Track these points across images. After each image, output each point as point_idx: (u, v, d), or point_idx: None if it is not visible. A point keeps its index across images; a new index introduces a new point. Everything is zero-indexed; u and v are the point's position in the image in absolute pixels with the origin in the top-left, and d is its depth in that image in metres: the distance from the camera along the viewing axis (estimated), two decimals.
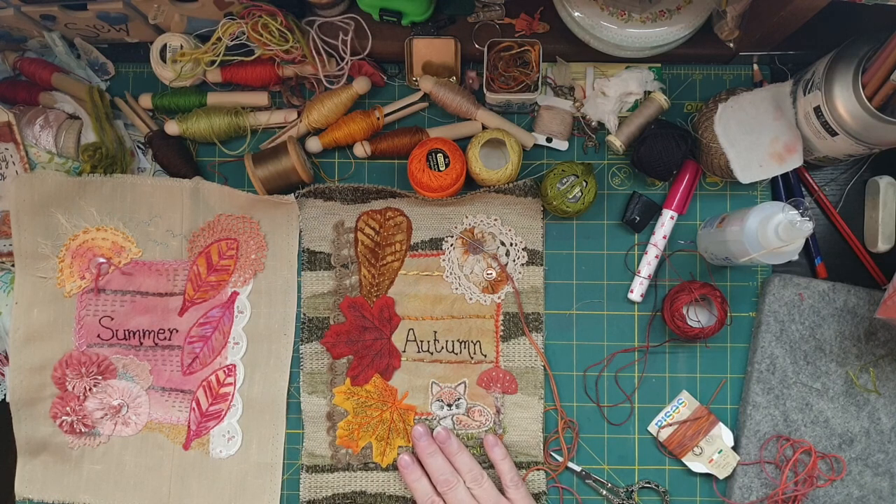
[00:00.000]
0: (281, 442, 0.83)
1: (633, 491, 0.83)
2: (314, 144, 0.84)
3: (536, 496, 0.81)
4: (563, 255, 0.85)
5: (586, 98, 0.84)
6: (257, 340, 0.84)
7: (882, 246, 0.83)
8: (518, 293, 0.83)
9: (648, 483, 0.83)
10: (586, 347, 0.84)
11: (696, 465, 0.82)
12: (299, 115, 0.84)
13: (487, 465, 0.81)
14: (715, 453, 0.82)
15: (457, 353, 0.84)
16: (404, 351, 0.84)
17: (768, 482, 0.81)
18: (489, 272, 0.83)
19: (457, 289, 0.84)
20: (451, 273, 0.84)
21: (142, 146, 0.86)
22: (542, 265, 0.84)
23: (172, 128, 0.83)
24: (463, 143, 0.82)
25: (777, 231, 0.69)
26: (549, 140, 0.84)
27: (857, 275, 0.85)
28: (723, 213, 0.78)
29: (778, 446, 0.81)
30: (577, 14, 0.74)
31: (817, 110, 0.72)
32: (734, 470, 0.81)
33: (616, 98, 0.82)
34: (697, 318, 0.82)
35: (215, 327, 0.84)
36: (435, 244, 0.84)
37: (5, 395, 0.85)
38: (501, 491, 0.79)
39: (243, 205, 0.84)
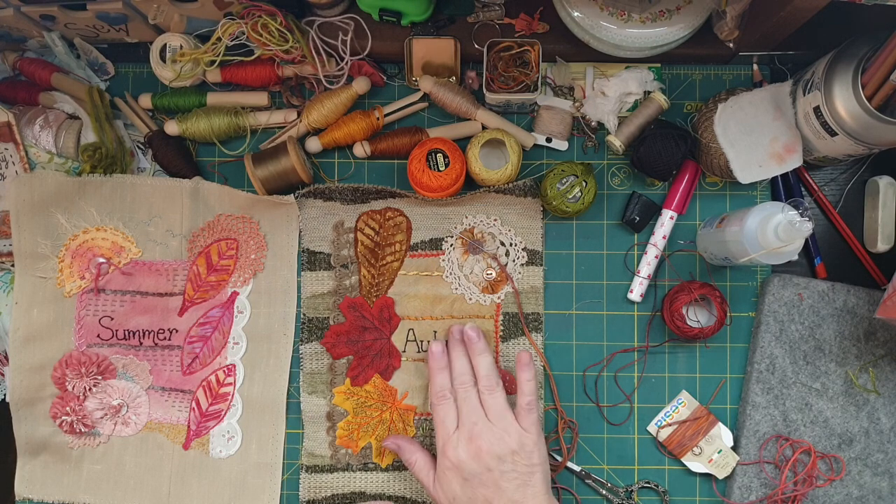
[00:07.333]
0: (281, 442, 0.83)
1: (632, 491, 0.83)
2: (314, 144, 0.84)
3: None
4: (563, 255, 0.85)
5: (586, 98, 0.84)
6: (257, 340, 0.84)
7: (881, 246, 0.83)
8: (518, 293, 0.83)
9: (648, 483, 0.83)
10: (586, 347, 0.84)
11: (696, 465, 0.82)
12: (299, 115, 0.84)
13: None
14: (714, 453, 0.82)
15: None
16: (404, 351, 0.84)
17: (768, 482, 0.81)
18: (489, 272, 0.83)
19: (456, 289, 0.84)
20: (450, 273, 0.84)
21: (142, 146, 0.86)
22: (541, 265, 0.84)
23: (172, 128, 0.83)
24: (463, 143, 0.82)
25: (776, 231, 0.69)
26: (548, 140, 0.84)
27: (856, 275, 0.85)
28: (722, 214, 0.78)
29: (777, 446, 0.81)
30: (576, 14, 0.74)
31: (817, 110, 0.72)
32: (734, 470, 0.81)
33: (616, 98, 0.82)
34: (697, 318, 0.82)
35: (215, 327, 0.84)
36: (435, 244, 0.84)
37: (5, 395, 0.85)
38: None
39: (243, 205, 0.84)
